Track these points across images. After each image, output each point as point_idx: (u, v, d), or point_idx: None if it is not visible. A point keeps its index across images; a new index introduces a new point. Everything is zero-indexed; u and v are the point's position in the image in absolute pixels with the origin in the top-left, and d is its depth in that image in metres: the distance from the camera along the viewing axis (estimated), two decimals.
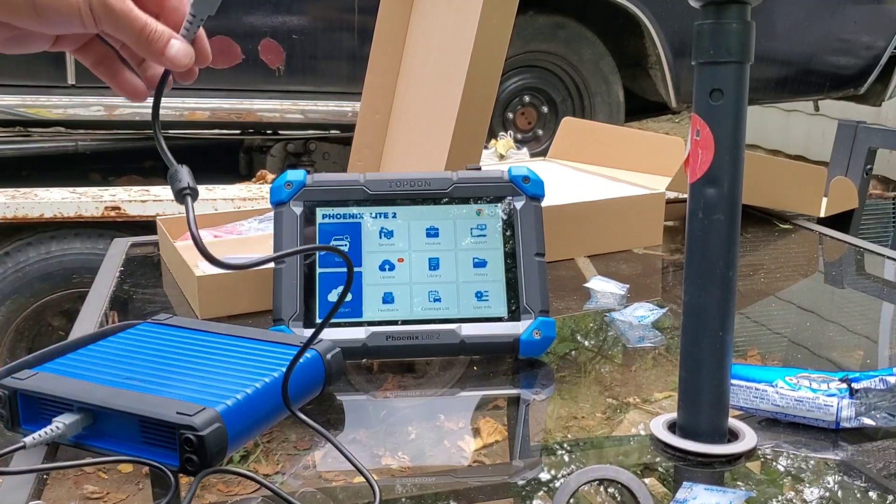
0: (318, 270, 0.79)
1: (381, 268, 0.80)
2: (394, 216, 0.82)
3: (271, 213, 0.84)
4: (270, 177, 2.30)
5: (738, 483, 0.60)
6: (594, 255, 1.15)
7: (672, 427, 0.65)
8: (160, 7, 0.57)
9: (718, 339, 0.61)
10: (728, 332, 0.61)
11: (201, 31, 0.58)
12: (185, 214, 0.55)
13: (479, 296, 0.80)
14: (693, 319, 0.62)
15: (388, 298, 0.79)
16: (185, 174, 0.57)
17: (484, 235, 0.82)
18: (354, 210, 0.82)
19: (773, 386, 0.66)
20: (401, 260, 0.81)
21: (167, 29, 0.56)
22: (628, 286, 0.99)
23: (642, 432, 0.68)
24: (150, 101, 0.62)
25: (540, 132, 3.12)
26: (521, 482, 0.62)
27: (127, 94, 0.62)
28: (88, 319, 0.91)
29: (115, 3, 0.54)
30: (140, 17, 0.55)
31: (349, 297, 0.79)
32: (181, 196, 0.57)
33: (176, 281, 1.03)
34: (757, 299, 1.02)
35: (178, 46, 0.56)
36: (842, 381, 0.65)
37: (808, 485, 0.60)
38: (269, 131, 3.04)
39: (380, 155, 1.31)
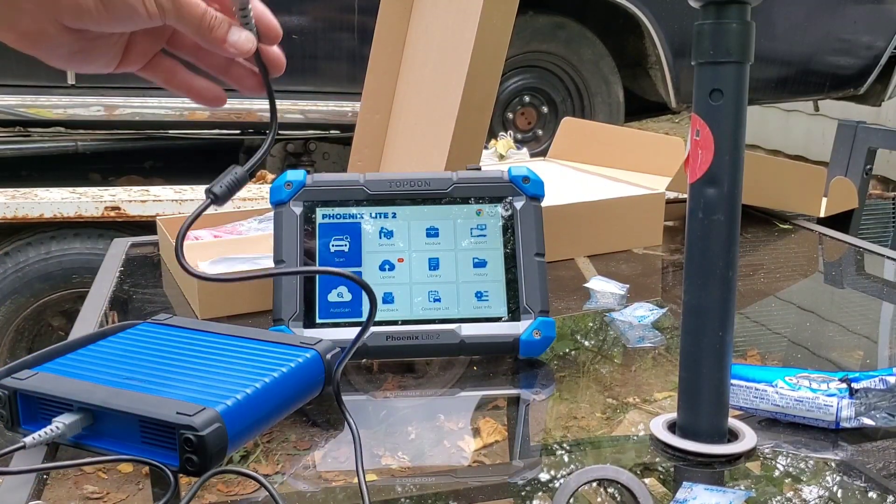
0: None
1: (381, 268, 0.80)
2: (394, 216, 0.82)
3: (271, 213, 0.84)
4: (270, 177, 2.30)
5: (738, 483, 0.60)
6: (594, 255, 1.15)
7: (672, 427, 0.65)
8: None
9: (718, 339, 0.61)
10: (728, 332, 0.61)
11: (264, 10, 0.58)
12: (185, 214, 0.55)
13: (479, 296, 0.80)
14: (693, 319, 0.62)
15: (388, 298, 0.79)
16: (228, 177, 0.59)
17: (484, 235, 0.82)
18: (354, 210, 0.82)
19: (772, 386, 0.66)
20: (401, 260, 0.81)
21: (226, 17, 0.56)
22: (628, 286, 0.99)
23: (642, 432, 0.68)
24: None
25: (540, 132, 3.13)
26: (521, 482, 0.62)
27: (207, 101, 0.62)
28: (88, 319, 0.91)
29: None
30: (199, 4, 0.55)
31: (349, 297, 0.79)
32: (206, 192, 0.58)
33: (176, 281, 1.03)
34: (757, 299, 1.02)
35: (238, 32, 0.56)
36: (842, 381, 0.65)
37: (808, 485, 0.60)
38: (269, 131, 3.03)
39: (380, 155, 1.31)
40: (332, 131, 2.98)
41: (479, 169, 0.88)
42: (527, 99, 3.10)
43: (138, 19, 0.54)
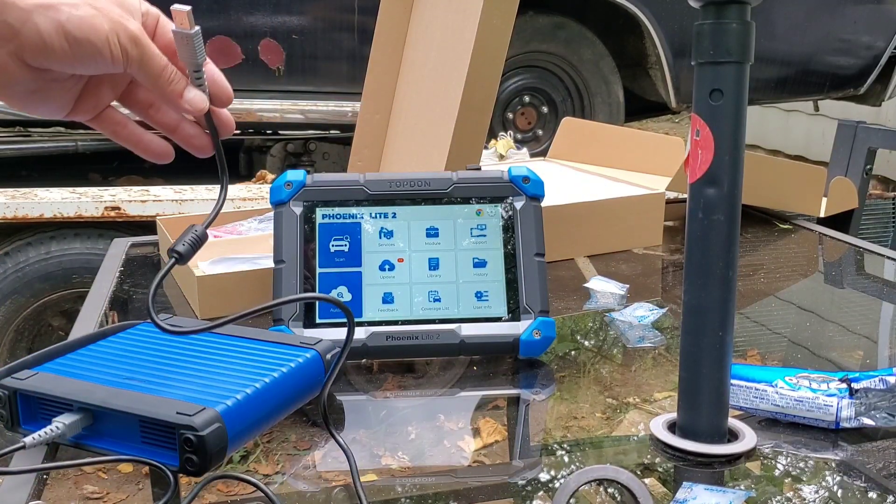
0: (319, 271, 0.79)
1: (381, 268, 0.80)
2: (394, 216, 0.82)
3: (271, 213, 0.84)
4: (270, 177, 2.30)
5: (738, 483, 0.60)
6: (594, 255, 1.15)
7: (672, 427, 0.65)
8: (170, 56, 0.58)
9: (718, 339, 0.61)
10: (728, 332, 0.61)
11: (218, 74, 0.60)
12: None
13: (479, 296, 0.80)
14: (693, 319, 0.62)
15: (388, 298, 0.79)
16: (188, 235, 0.61)
17: (484, 235, 0.82)
18: (354, 210, 0.82)
19: (772, 386, 0.66)
20: (401, 260, 0.81)
21: (183, 77, 0.57)
22: (628, 286, 0.99)
23: (642, 432, 0.68)
24: None
25: (540, 132, 3.13)
26: (521, 482, 0.62)
27: (155, 156, 0.63)
28: (88, 319, 0.91)
29: (142, 38, 0.55)
30: (162, 57, 0.56)
31: (349, 297, 0.79)
32: (169, 252, 0.61)
33: (176, 281, 1.03)
34: (757, 299, 1.02)
35: (194, 90, 0.58)
36: (842, 381, 0.65)
37: (808, 485, 0.60)
38: (269, 131, 3.04)
39: (380, 155, 1.31)
40: (332, 131, 2.98)
41: (479, 169, 0.88)
42: (527, 99, 3.10)
43: (102, 62, 0.54)
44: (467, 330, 0.78)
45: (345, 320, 0.78)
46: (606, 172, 1.38)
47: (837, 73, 3.28)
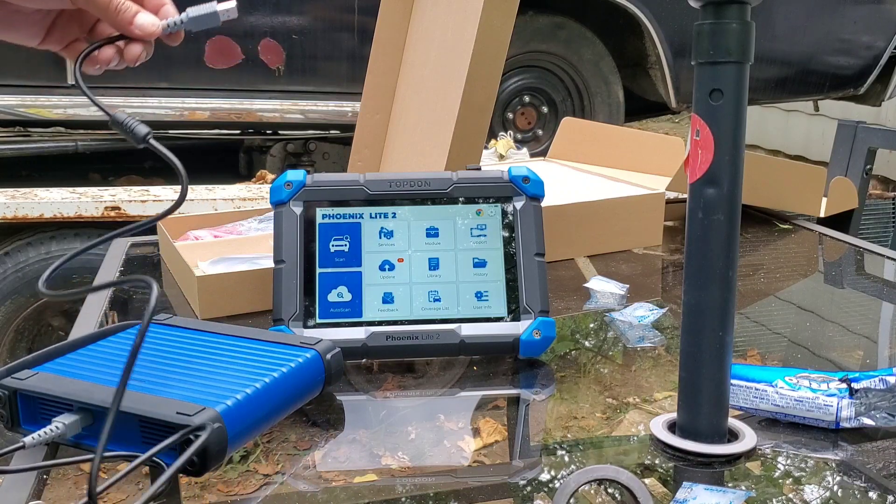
0: (318, 270, 0.79)
1: (381, 268, 0.80)
2: (394, 216, 0.82)
3: (271, 213, 0.84)
4: (270, 177, 2.30)
5: (738, 483, 0.60)
6: (594, 255, 1.15)
7: (672, 427, 0.65)
8: None
9: (718, 339, 0.61)
10: (728, 332, 0.61)
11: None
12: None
13: (479, 296, 0.80)
14: (693, 319, 0.62)
15: (388, 298, 0.79)
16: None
17: (484, 235, 0.82)
18: (354, 210, 0.82)
19: (772, 386, 0.66)
20: (401, 260, 0.81)
21: (133, 5, 0.62)
22: (628, 286, 0.99)
23: (642, 432, 0.68)
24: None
25: (540, 132, 3.12)
26: (521, 482, 0.62)
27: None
28: (88, 319, 0.91)
29: None
30: None
31: (349, 297, 0.79)
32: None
33: (176, 281, 1.03)
34: (757, 299, 1.02)
35: (145, 16, 0.62)
36: (842, 381, 0.65)
37: (808, 485, 0.60)
38: (269, 131, 3.04)
39: (380, 155, 1.31)
40: (332, 131, 2.98)
41: (479, 169, 0.88)
42: (527, 99, 3.10)
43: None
44: (467, 330, 0.78)
45: (345, 320, 0.78)
46: (606, 172, 1.38)
47: (837, 73, 3.28)
